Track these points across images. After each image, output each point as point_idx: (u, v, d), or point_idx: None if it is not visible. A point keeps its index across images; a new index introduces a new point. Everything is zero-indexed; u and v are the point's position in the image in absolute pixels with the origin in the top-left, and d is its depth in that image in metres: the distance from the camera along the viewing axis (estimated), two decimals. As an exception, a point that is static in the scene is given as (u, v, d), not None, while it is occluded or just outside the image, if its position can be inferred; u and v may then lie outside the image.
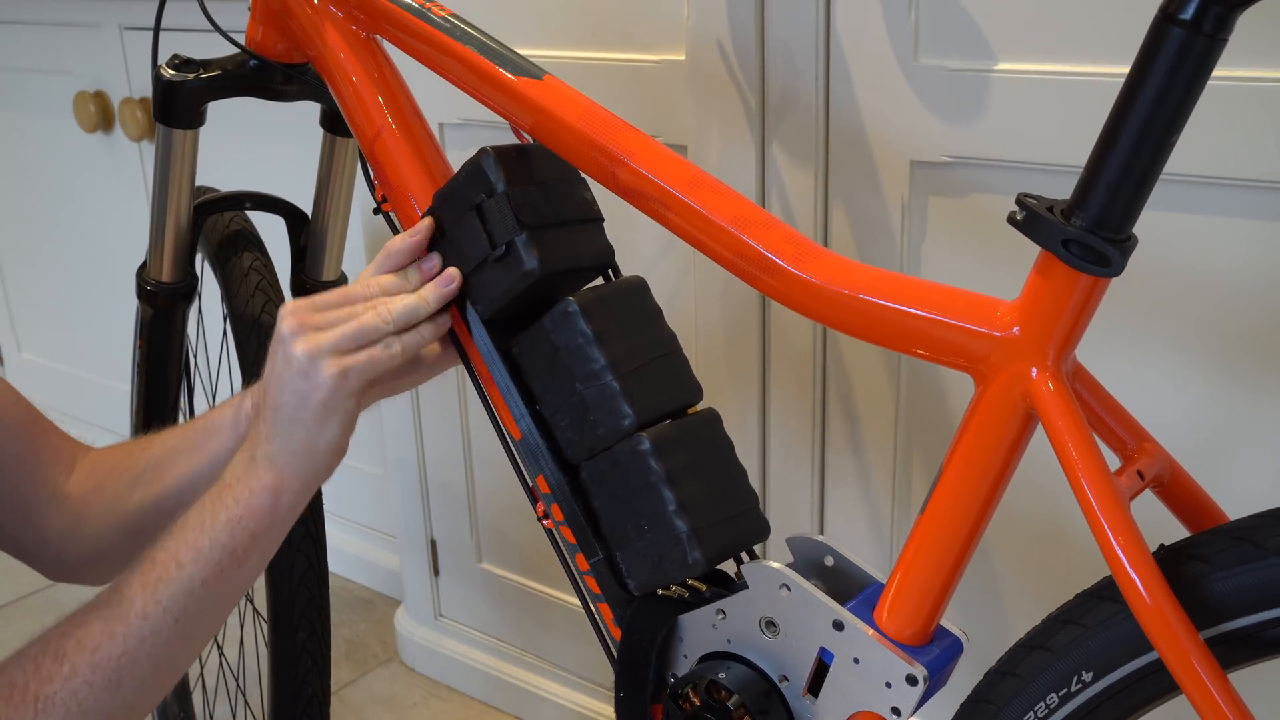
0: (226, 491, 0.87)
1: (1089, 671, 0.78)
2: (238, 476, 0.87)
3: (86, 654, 0.79)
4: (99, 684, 0.79)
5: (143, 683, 0.82)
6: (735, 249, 0.84)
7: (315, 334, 0.87)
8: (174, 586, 0.83)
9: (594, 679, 1.83)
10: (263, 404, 0.88)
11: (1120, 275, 0.72)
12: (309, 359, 0.86)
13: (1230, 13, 0.65)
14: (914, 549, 0.82)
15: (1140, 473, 0.80)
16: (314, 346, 0.86)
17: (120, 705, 0.80)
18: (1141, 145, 0.68)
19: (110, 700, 0.79)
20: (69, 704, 0.78)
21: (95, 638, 0.80)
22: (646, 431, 0.86)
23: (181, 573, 0.83)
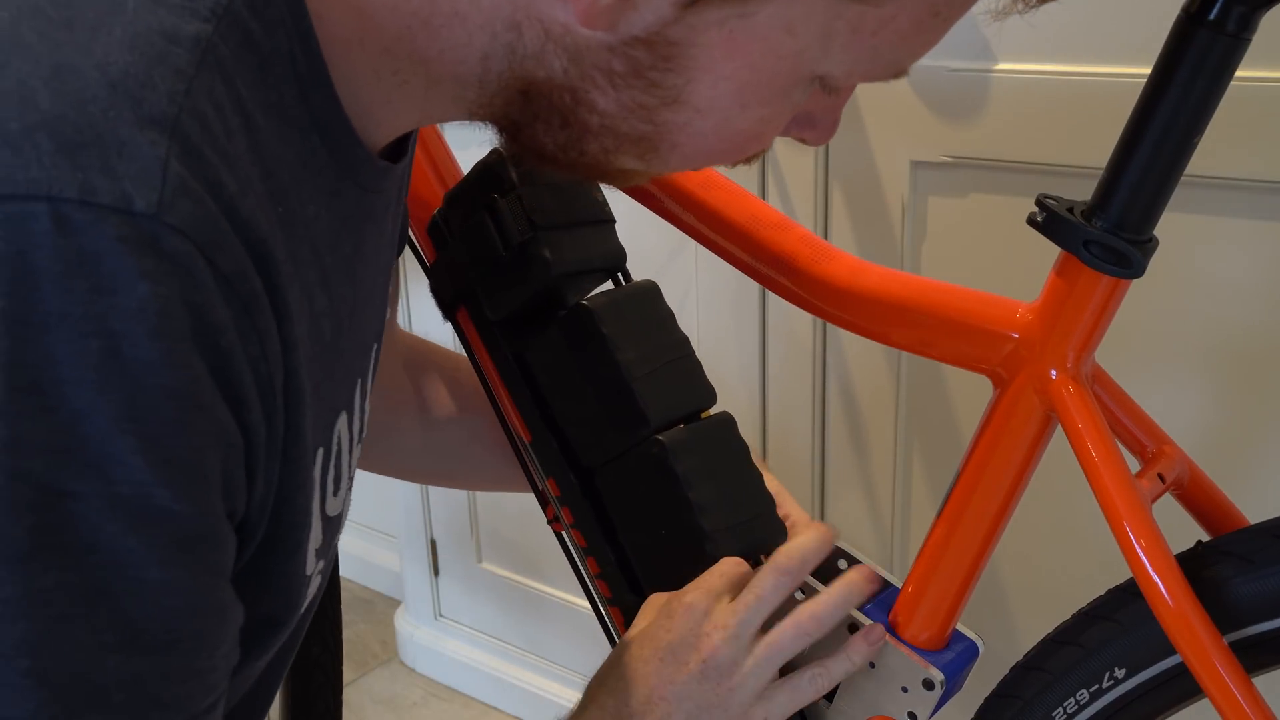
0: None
1: (1122, 668, 0.77)
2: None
3: None
4: None
5: None
6: (750, 250, 0.84)
7: (753, 659, 0.78)
8: None
9: (594, 679, 1.83)
10: (641, 707, 0.78)
11: (1141, 277, 0.72)
12: (741, 702, 0.78)
13: (1254, 12, 0.64)
14: (930, 552, 0.82)
15: (1161, 475, 0.80)
16: (751, 677, 0.78)
17: None
18: (1164, 146, 0.68)
19: None
20: None
21: None
22: (663, 435, 0.86)
23: None
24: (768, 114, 0.62)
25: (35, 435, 0.44)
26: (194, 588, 0.50)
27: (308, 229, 0.57)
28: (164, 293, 0.45)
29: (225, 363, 0.49)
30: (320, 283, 0.60)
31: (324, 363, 0.62)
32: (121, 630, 0.47)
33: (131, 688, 0.48)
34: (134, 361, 0.45)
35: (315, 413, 0.60)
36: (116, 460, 0.45)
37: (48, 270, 0.43)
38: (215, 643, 0.52)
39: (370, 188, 0.65)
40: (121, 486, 0.45)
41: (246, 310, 0.50)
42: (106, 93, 0.45)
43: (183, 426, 0.47)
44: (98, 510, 0.45)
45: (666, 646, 0.79)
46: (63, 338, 0.44)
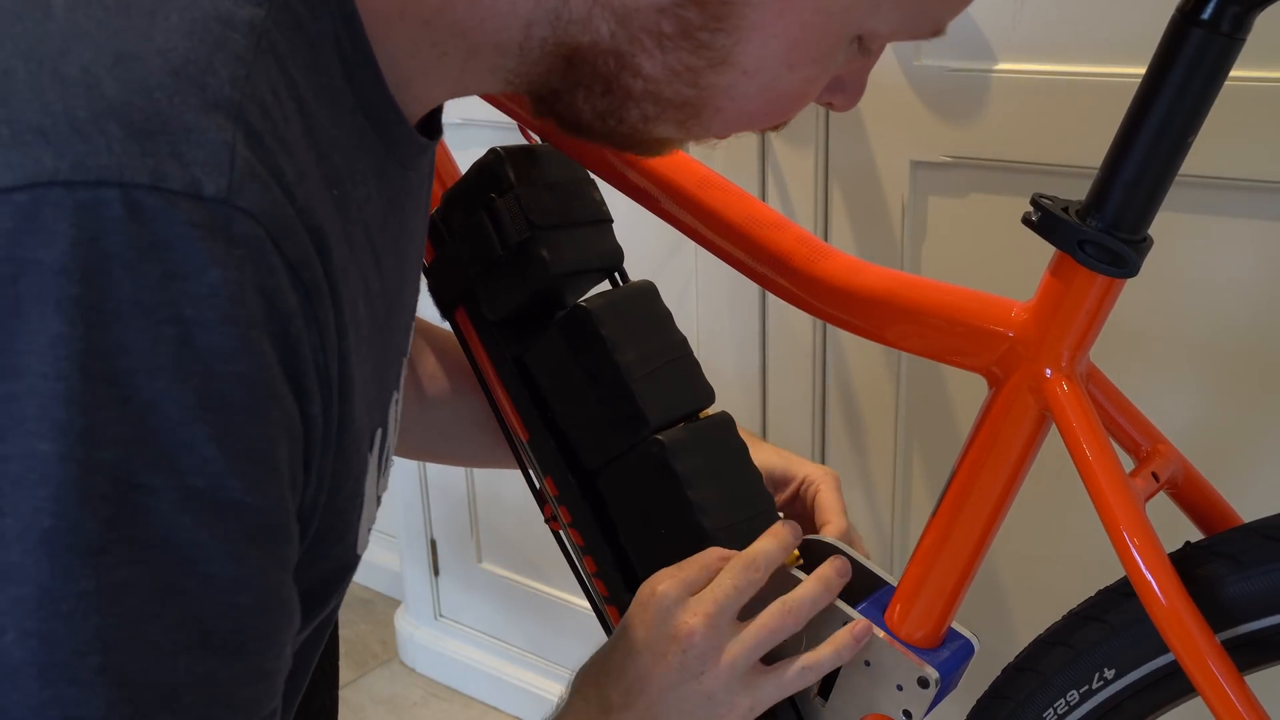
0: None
1: (1111, 669, 0.78)
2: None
3: None
4: None
5: None
6: (747, 250, 0.84)
7: (733, 647, 0.77)
8: None
9: (594, 679, 1.83)
10: (622, 699, 0.77)
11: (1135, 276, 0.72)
12: (726, 692, 0.77)
13: (1248, 12, 0.65)
14: (926, 550, 0.82)
15: (1155, 474, 0.80)
16: (732, 666, 0.77)
17: None
18: (1159, 145, 0.68)
19: None
20: None
21: None
22: (662, 435, 0.86)
23: None
24: (813, 73, 0.61)
25: (108, 426, 0.43)
26: (263, 585, 0.49)
27: (361, 210, 0.57)
28: (235, 278, 0.45)
29: (294, 351, 0.49)
30: (374, 265, 0.59)
31: (379, 344, 0.61)
32: (193, 628, 0.47)
33: (202, 689, 0.47)
34: (207, 349, 0.45)
35: (371, 396, 0.60)
36: (189, 450, 0.45)
37: (121, 257, 0.43)
38: (281, 642, 0.52)
39: (411, 165, 0.65)
40: (194, 478, 0.45)
41: (309, 298, 0.50)
42: (171, 79, 0.45)
43: (255, 416, 0.47)
44: (170, 503, 0.45)
45: (644, 640, 0.78)
46: (135, 325, 0.44)
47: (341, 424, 0.55)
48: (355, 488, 0.60)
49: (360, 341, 0.57)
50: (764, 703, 0.79)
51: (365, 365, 0.58)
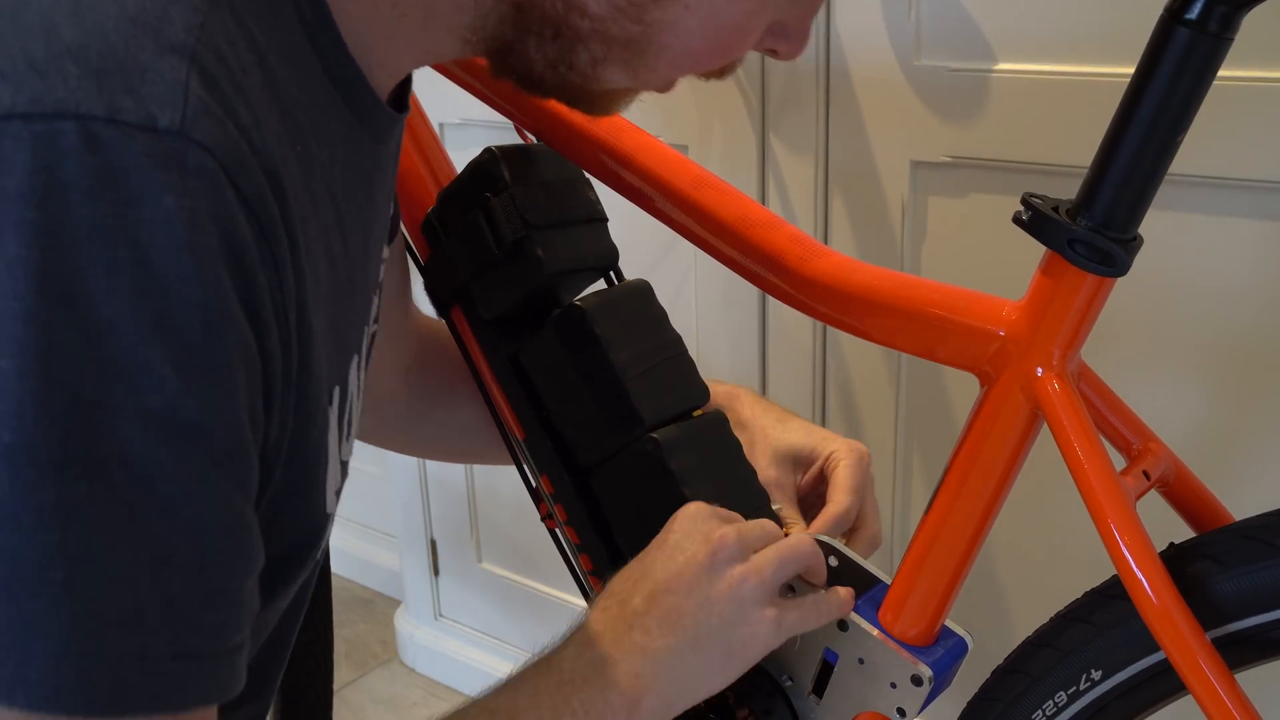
0: (571, 692, 0.73)
1: (1098, 670, 0.78)
2: (585, 677, 0.74)
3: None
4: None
5: None
6: (740, 249, 0.84)
7: (760, 556, 0.77)
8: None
9: (594, 679, 1.83)
10: (644, 604, 0.76)
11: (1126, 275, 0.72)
12: (753, 601, 0.75)
13: (1235, 12, 0.65)
14: (919, 549, 0.82)
15: (1146, 472, 0.80)
16: (759, 572, 0.76)
17: None
18: (1147, 145, 0.68)
19: None
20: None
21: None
22: (657, 433, 0.86)
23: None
24: (752, 6, 0.64)
25: (67, 345, 0.44)
26: (223, 509, 0.50)
27: (325, 172, 0.58)
28: (190, 205, 0.46)
29: (249, 282, 0.50)
30: (336, 226, 0.60)
31: (339, 303, 0.62)
32: (153, 547, 0.47)
33: (164, 609, 0.48)
34: (163, 273, 0.46)
35: (329, 351, 0.61)
36: (146, 370, 0.46)
37: (76, 184, 0.44)
38: (244, 570, 0.52)
39: (380, 137, 0.66)
40: (152, 398, 0.46)
41: (264, 235, 0.51)
42: (127, 25, 0.47)
43: (212, 339, 0.48)
44: (129, 421, 0.46)
45: (673, 544, 0.77)
46: (92, 249, 0.45)
47: (301, 367, 0.56)
48: (320, 440, 0.61)
49: (319, 296, 0.57)
50: (787, 625, 0.77)
51: (322, 319, 0.58)
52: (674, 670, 0.75)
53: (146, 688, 0.47)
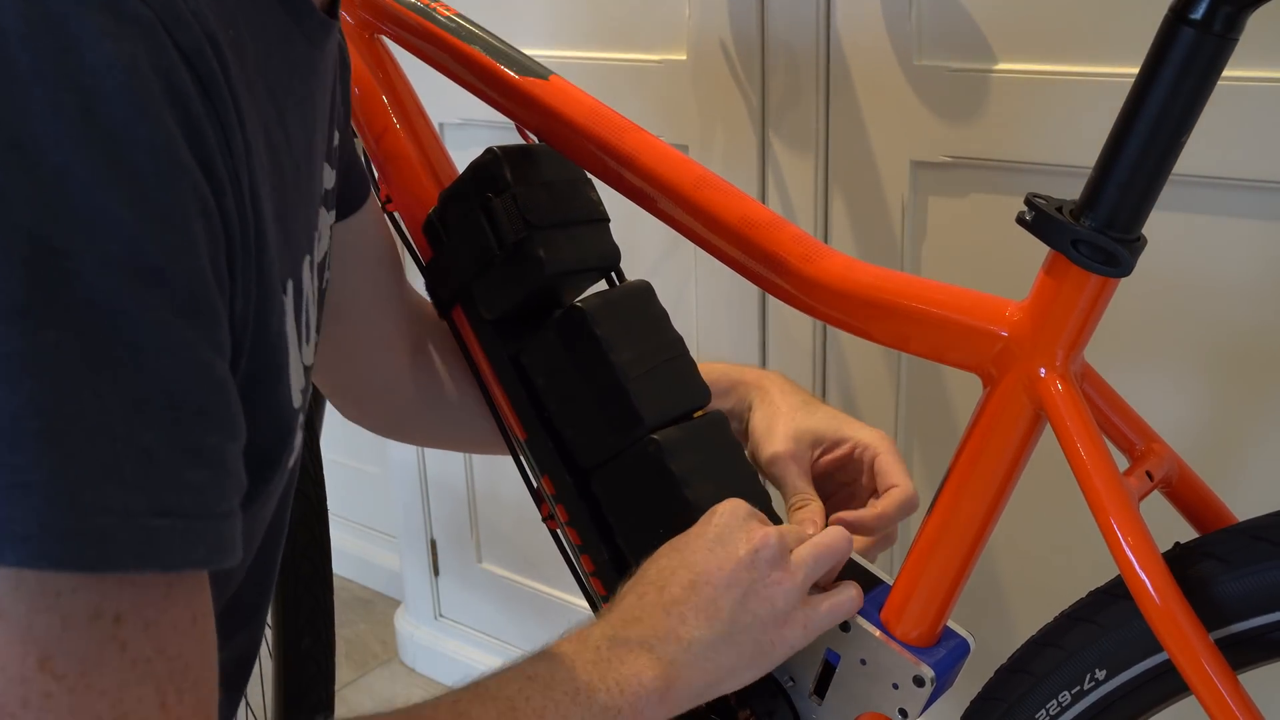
0: (607, 670, 0.73)
1: (1102, 669, 0.78)
2: (621, 658, 0.74)
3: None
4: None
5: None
6: (742, 249, 0.84)
7: (799, 553, 0.79)
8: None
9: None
10: (683, 592, 0.77)
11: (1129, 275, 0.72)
12: (788, 605, 0.77)
13: (1240, 12, 0.65)
14: (921, 550, 0.82)
15: (1149, 473, 0.80)
16: (792, 575, 0.78)
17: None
18: (1152, 145, 0.68)
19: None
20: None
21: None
22: (658, 434, 0.86)
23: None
24: None
25: (21, 190, 0.44)
26: (192, 360, 0.49)
27: (259, 63, 0.57)
28: (130, 51, 0.46)
29: (197, 134, 0.49)
30: (276, 117, 0.59)
31: (285, 197, 0.61)
32: (124, 396, 0.46)
33: (142, 463, 0.47)
34: (109, 116, 0.45)
35: (280, 240, 0.60)
36: (103, 215, 0.45)
37: (15, 30, 0.44)
38: (220, 428, 0.51)
39: (316, 41, 0.66)
40: (110, 244, 0.46)
41: (207, 93, 0.50)
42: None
43: (164, 183, 0.47)
44: (90, 268, 0.45)
45: (714, 536, 0.79)
46: (36, 94, 0.44)
47: (258, 240, 0.55)
48: (280, 326, 0.60)
49: (265, 180, 0.57)
50: (814, 626, 0.79)
51: (270, 205, 0.58)
52: (706, 661, 0.75)
53: (133, 543, 0.46)
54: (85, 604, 0.46)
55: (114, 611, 0.47)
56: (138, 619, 0.48)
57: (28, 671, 0.45)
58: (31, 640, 0.45)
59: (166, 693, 0.49)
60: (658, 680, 0.74)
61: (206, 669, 0.52)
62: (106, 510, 0.46)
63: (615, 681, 0.73)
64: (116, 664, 0.47)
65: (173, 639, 0.49)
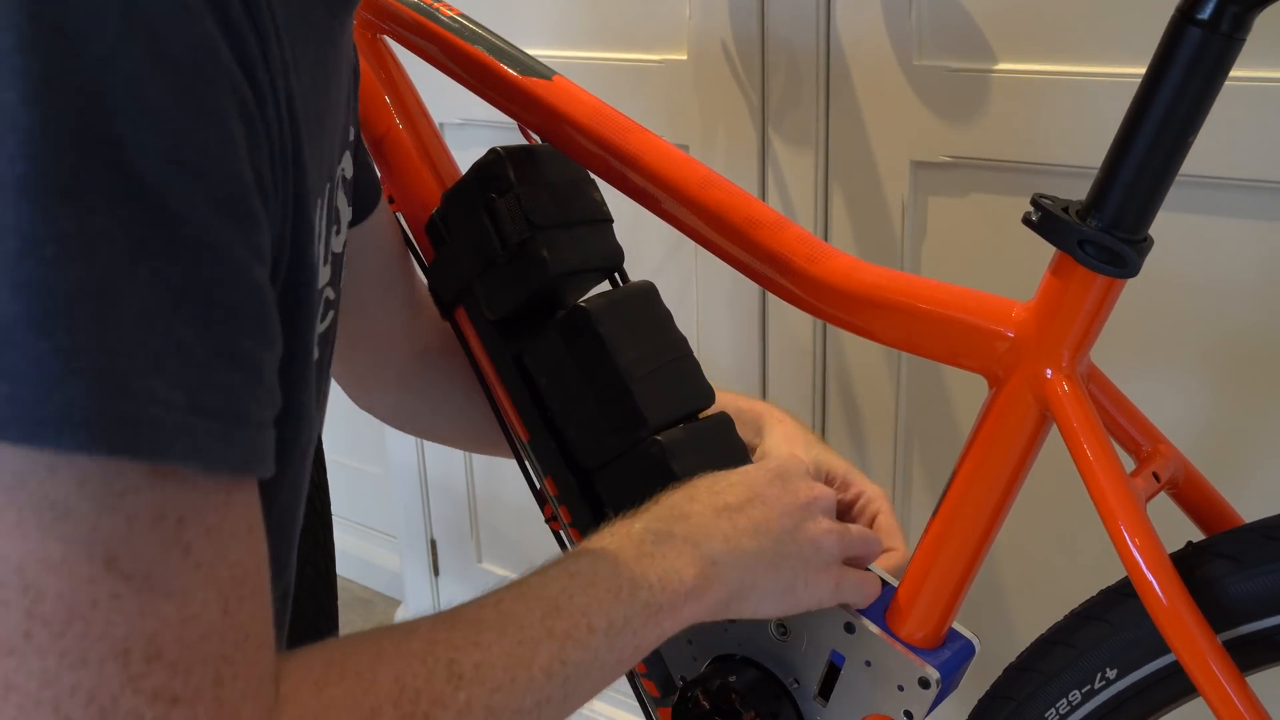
0: (650, 564, 0.72)
1: (1113, 669, 0.78)
2: (664, 553, 0.73)
3: (485, 690, 0.63)
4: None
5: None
6: (746, 249, 0.84)
7: (844, 530, 0.81)
8: (580, 652, 0.68)
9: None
10: (739, 502, 0.78)
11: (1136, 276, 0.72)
12: (829, 554, 0.80)
13: (1248, 12, 0.64)
14: (926, 551, 0.82)
15: (1155, 474, 0.80)
16: (839, 544, 0.80)
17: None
18: (1158, 145, 0.68)
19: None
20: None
21: (497, 675, 0.63)
22: (661, 435, 0.86)
23: (592, 639, 0.68)
24: None
25: (65, 74, 0.44)
26: (230, 259, 0.49)
27: (275, 12, 0.56)
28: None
29: (237, 37, 0.49)
30: (293, 65, 0.58)
31: (317, 112, 0.61)
32: (162, 290, 0.46)
33: (181, 358, 0.47)
34: (150, 11, 0.46)
35: (313, 158, 0.60)
36: (147, 104, 0.45)
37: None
38: (256, 333, 0.51)
39: (335, 12, 0.66)
40: (153, 135, 0.46)
41: (246, 6, 0.50)
42: None
43: (206, 80, 0.47)
44: (134, 156, 0.45)
45: (777, 471, 0.81)
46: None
47: (295, 155, 0.55)
48: (310, 252, 0.60)
49: (301, 99, 0.56)
50: (843, 590, 0.81)
51: (306, 128, 0.57)
52: (745, 571, 0.75)
53: (179, 436, 0.46)
54: (149, 504, 0.46)
55: (177, 514, 0.47)
56: (199, 523, 0.48)
57: (96, 572, 0.45)
58: (99, 540, 0.45)
59: (229, 598, 0.50)
60: (696, 579, 0.73)
61: (263, 580, 0.52)
62: (154, 400, 0.46)
63: (658, 576, 0.72)
64: (180, 567, 0.48)
65: (233, 546, 0.50)
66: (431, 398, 1.03)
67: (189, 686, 0.48)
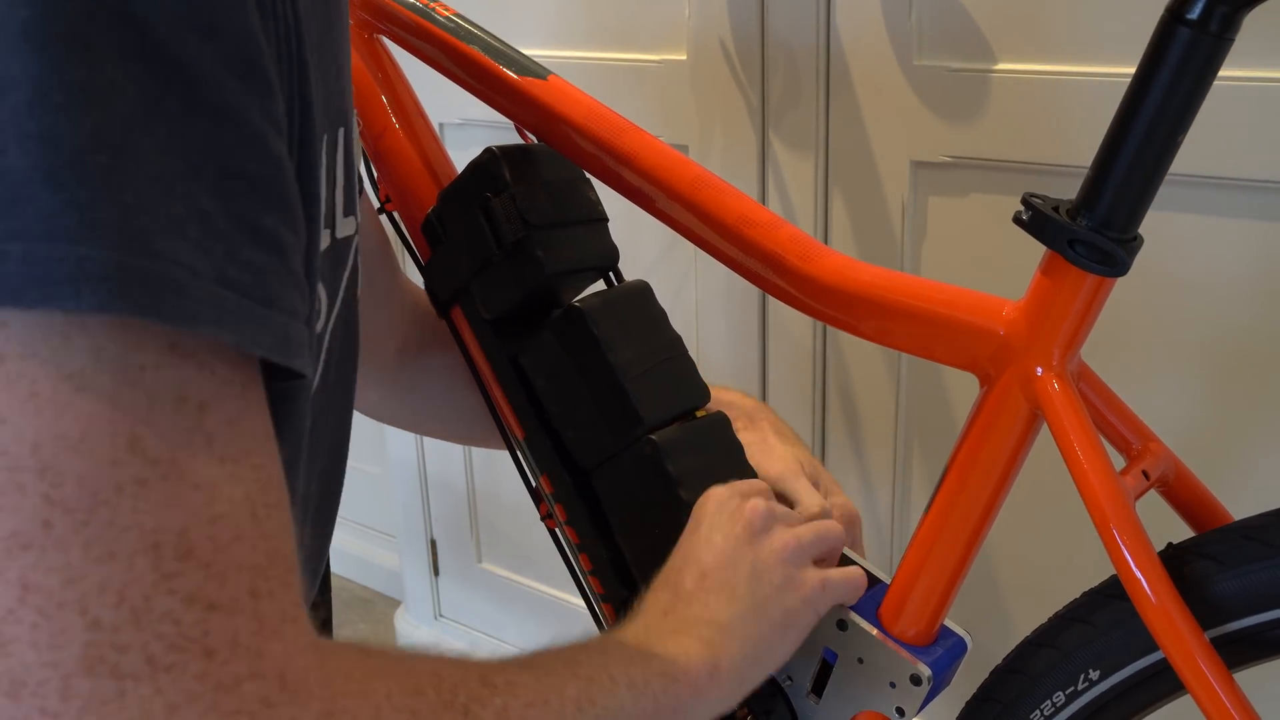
0: (654, 646, 0.73)
1: (1096, 670, 0.78)
2: (657, 651, 0.73)
3: (519, 703, 0.61)
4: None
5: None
6: (740, 248, 0.84)
7: (796, 533, 0.80)
8: (607, 698, 0.67)
9: (594, 679, 1.84)
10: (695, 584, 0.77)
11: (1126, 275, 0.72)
12: (796, 564, 0.79)
13: (1236, 12, 0.65)
14: (918, 549, 0.82)
15: (1145, 472, 0.80)
16: (800, 549, 0.80)
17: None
18: (1148, 145, 0.68)
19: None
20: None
21: (530, 693, 0.62)
22: (656, 434, 0.86)
23: (616, 690, 0.68)
24: None
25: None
26: (247, 124, 0.46)
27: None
28: None
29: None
30: None
31: (323, 48, 0.58)
32: (178, 153, 0.43)
33: (203, 225, 0.44)
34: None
35: (321, 96, 0.57)
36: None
37: None
38: (278, 208, 0.48)
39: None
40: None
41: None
42: None
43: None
44: (145, 9, 0.43)
45: (706, 529, 0.80)
46: None
47: (299, 52, 0.53)
48: (316, 178, 0.57)
49: (309, 29, 0.54)
50: (832, 588, 0.80)
51: (313, 60, 0.55)
52: (742, 636, 0.76)
53: (207, 303, 0.43)
54: (170, 383, 0.43)
55: (198, 398, 0.44)
56: (221, 413, 0.45)
57: (118, 453, 0.42)
58: (119, 417, 0.42)
59: (256, 503, 0.46)
60: (704, 656, 0.73)
61: (285, 497, 0.49)
62: (178, 263, 0.43)
63: (666, 652, 0.72)
64: (206, 458, 0.44)
65: (254, 445, 0.47)
66: (415, 392, 1.03)
67: (225, 593, 0.44)
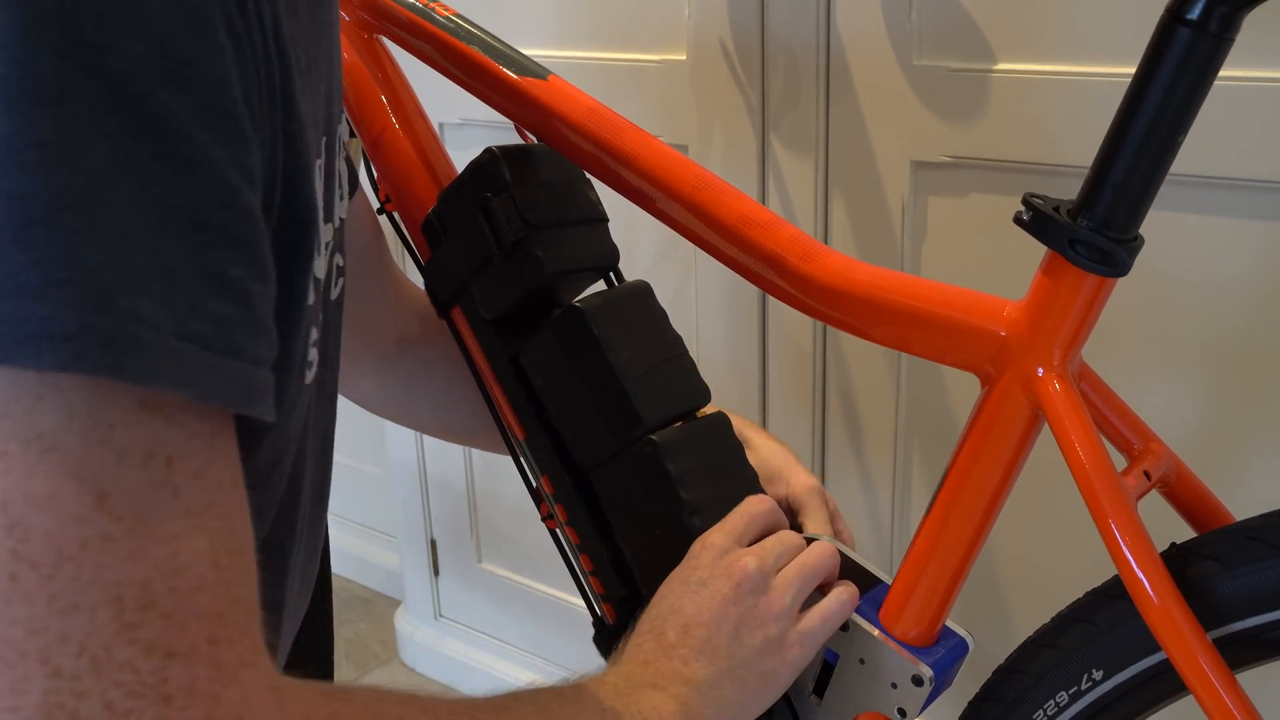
0: (629, 702, 0.73)
1: (1099, 670, 0.78)
2: (639, 696, 0.74)
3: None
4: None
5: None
6: (740, 248, 0.84)
7: (783, 576, 0.80)
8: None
9: (594, 679, 1.83)
10: (678, 637, 0.78)
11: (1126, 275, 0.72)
12: (779, 630, 0.79)
13: (1236, 13, 0.65)
14: (919, 549, 0.82)
15: (1147, 473, 0.80)
16: (784, 594, 0.80)
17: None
18: (1148, 145, 0.68)
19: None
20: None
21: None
22: (656, 435, 0.86)
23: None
24: None
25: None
26: (218, 177, 0.46)
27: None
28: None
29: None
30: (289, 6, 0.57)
31: (311, 71, 0.59)
32: (148, 206, 0.44)
33: (168, 279, 0.44)
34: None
35: (305, 98, 0.57)
36: (132, 10, 0.43)
37: None
38: (247, 262, 0.48)
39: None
40: (139, 43, 0.44)
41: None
42: None
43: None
44: (120, 63, 0.43)
45: (697, 580, 0.80)
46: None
47: (285, 86, 0.53)
48: (310, 193, 0.57)
49: (293, 40, 0.54)
50: (811, 641, 0.80)
51: (298, 81, 0.55)
52: (717, 698, 0.76)
53: (168, 360, 0.44)
54: (139, 440, 0.44)
55: (165, 453, 0.45)
56: (188, 466, 0.46)
57: (85, 510, 0.43)
58: (87, 475, 0.43)
59: (219, 551, 0.47)
60: (677, 715, 0.74)
61: (249, 542, 0.50)
62: (140, 320, 0.43)
63: (639, 712, 0.73)
64: (171, 510, 0.45)
65: (220, 495, 0.48)
66: (409, 386, 1.03)
67: (184, 642, 0.45)
